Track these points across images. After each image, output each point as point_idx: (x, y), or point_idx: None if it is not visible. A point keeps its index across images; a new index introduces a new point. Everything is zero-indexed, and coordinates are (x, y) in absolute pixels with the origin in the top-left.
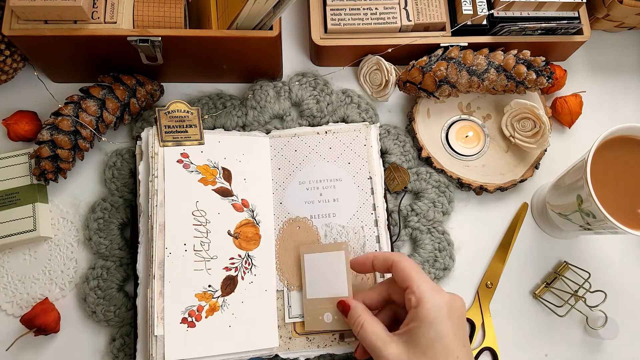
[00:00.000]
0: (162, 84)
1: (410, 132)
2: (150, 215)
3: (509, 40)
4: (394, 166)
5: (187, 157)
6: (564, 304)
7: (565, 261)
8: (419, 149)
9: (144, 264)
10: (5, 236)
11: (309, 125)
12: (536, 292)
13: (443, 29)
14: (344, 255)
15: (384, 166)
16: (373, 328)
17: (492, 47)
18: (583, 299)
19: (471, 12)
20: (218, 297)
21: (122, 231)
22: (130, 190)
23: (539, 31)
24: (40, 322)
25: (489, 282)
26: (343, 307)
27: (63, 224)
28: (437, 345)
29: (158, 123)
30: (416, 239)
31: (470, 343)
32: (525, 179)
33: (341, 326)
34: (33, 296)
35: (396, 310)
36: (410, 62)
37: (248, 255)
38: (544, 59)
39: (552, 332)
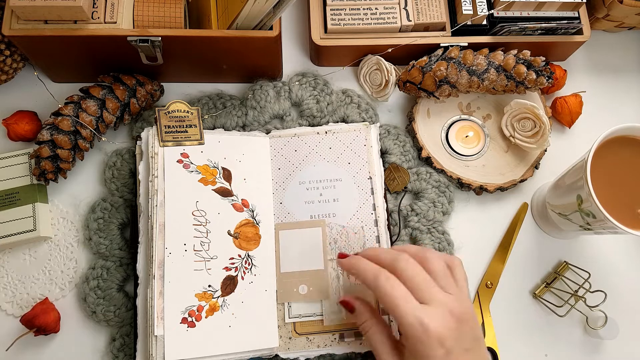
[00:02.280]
0: (162, 84)
1: (410, 132)
2: (150, 215)
3: (509, 40)
4: (394, 166)
5: (187, 157)
6: (564, 304)
7: (565, 261)
8: (419, 149)
9: (144, 264)
10: (5, 236)
11: (309, 125)
12: (536, 292)
13: (443, 29)
14: (321, 231)
15: (384, 166)
16: (379, 336)
17: (492, 47)
18: (583, 299)
19: (471, 12)
20: (218, 297)
21: (122, 231)
22: (130, 190)
23: (539, 31)
24: (40, 322)
25: (489, 282)
26: (347, 306)
27: (63, 224)
28: None
29: (158, 123)
30: (416, 239)
31: None
32: (525, 179)
33: (317, 296)
34: (33, 296)
35: None
36: (410, 62)
37: (248, 255)
38: (544, 59)
39: (552, 332)
